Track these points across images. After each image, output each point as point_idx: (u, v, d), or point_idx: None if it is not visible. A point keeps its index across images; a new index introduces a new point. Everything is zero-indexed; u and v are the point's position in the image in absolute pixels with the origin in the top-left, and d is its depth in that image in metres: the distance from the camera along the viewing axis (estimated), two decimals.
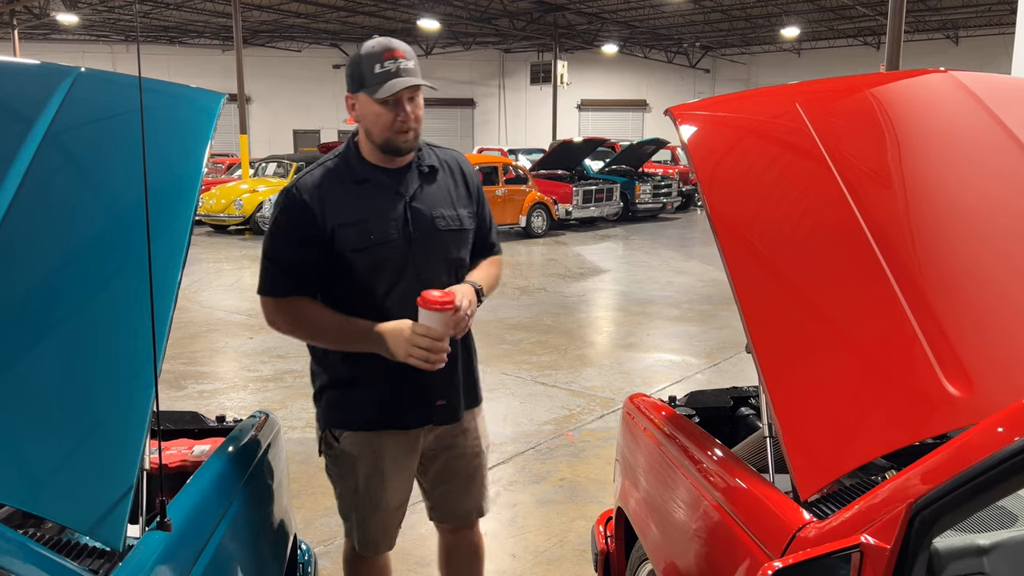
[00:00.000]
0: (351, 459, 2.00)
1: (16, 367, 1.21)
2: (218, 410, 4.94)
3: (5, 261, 1.36)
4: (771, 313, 1.65)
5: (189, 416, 2.21)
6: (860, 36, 25.04)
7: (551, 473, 4.01)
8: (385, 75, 1.80)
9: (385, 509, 2.04)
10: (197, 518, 1.40)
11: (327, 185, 1.88)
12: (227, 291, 9.07)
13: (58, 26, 22.95)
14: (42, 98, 1.69)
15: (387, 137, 1.85)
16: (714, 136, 2.07)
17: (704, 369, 5.90)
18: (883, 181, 1.87)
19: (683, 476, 1.77)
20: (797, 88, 2.25)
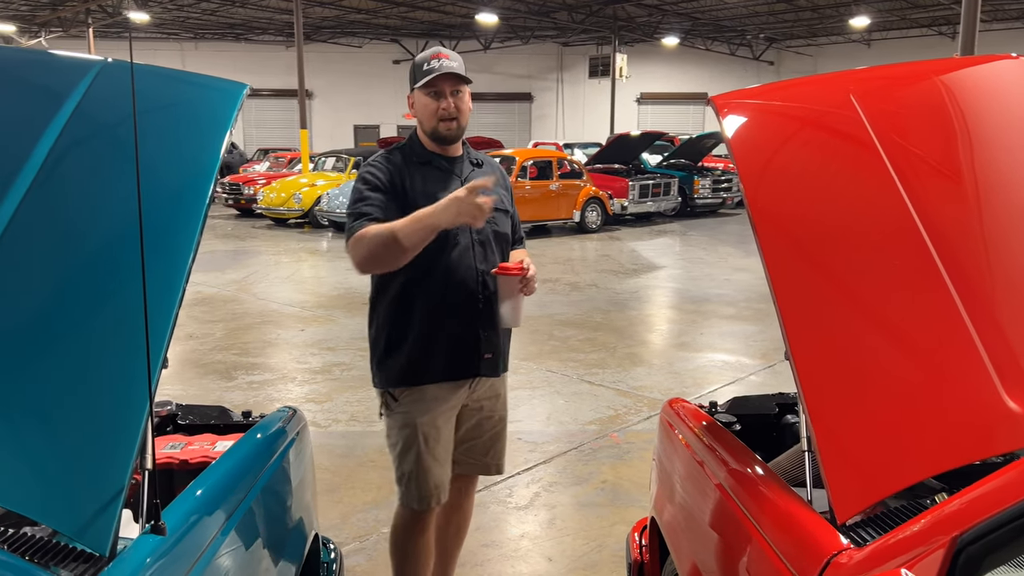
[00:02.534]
0: (410, 415, 2.20)
1: (9, 366, 1.18)
2: (266, 401, 5.00)
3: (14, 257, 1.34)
4: (812, 316, 1.53)
5: (216, 411, 2.20)
6: (934, 26, 24.01)
7: (593, 475, 3.91)
8: (430, 71, 2.15)
9: (441, 461, 2.25)
10: (198, 520, 1.36)
11: (402, 161, 2.21)
12: (283, 283, 9.20)
13: (130, 24, 23.69)
14: (65, 89, 1.68)
15: (433, 125, 2.18)
16: (758, 126, 1.95)
17: (758, 371, 5.70)
18: (942, 177, 1.72)
19: (716, 489, 1.67)
20: (851, 76, 2.10)
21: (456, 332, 2.20)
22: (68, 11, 22.49)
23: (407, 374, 2.20)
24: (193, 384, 5.37)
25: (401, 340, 2.19)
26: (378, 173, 2.16)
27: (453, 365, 2.23)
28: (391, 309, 2.20)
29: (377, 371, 2.26)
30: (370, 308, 2.29)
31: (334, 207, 13.24)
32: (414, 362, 2.19)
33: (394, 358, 2.20)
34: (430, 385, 2.21)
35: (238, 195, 15.95)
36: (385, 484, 3.78)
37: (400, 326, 2.19)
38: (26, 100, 1.68)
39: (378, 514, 3.49)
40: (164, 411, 2.14)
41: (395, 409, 2.23)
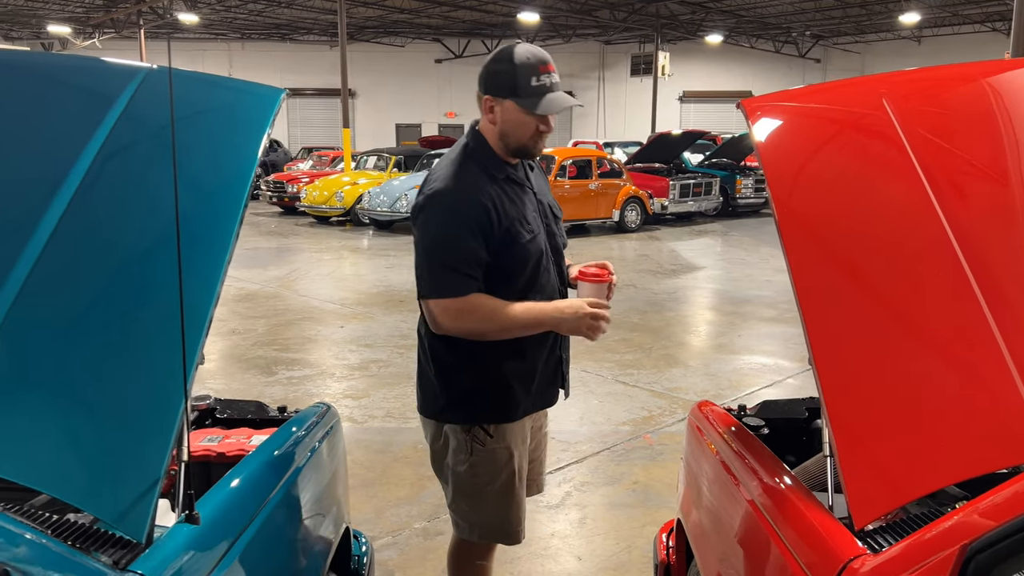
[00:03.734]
0: (506, 450, 2.03)
1: (53, 358, 1.25)
2: (304, 396, 5.10)
3: (62, 256, 1.41)
4: (835, 321, 1.53)
5: (252, 406, 2.26)
6: (988, 22, 23.36)
7: (625, 476, 3.92)
8: (541, 89, 1.89)
9: (523, 491, 2.14)
10: (231, 511, 1.42)
11: (487, 183, 1.94)
12: (324, 280, 9.36)
13: (180, 25, 24.27)
14: (112, 95, 1.75)
15: (525, 143, 1.95)
16: (787, 131, 1.94)
17: (796, 374, 5.64)
18: (976, 185, 1.70)
19: (738, 493, 1.68)
20: (884, 79, 2.08)
21: (546, 358, 2.07)
22: (120, 13, 23.12)
23: (503, 408, 2.01)
24: (235, 379, 5.50)
25: (493, 372, 1.98)
26: (471, 210, 1.88)
27: (544, 393, 2.12)
28: (476, 344, 1.95)
29: (455, 405, 2.02)
30: (437, 338, 1.98)
31: (375, 205, 13.41)
32: (509, 395, 2.00)
33: (487, 391, 2.00)
34: (523, 419, 2.07)
35: (282, 193, 16.24)
36: (418, 480, 3.85)
37: (491, 357, 1.97)
38: (76, 104, 1.76)
39: (411, 510, 3.55)
40: (203, 405, 2.22)
41: (490, 445, 2.01)
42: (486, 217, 1.89)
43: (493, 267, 1.92)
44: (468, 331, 1.91)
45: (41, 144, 1.65)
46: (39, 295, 1.33)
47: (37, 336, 1.28)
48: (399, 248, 11.82)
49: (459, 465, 2.03)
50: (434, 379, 2.02)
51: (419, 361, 2.10)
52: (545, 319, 1.92)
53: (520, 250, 1.95)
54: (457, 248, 1.87)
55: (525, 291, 1.98)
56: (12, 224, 1.45)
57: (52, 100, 1.75)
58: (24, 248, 1.40)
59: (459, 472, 2.04)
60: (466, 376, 2.00)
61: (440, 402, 2.03)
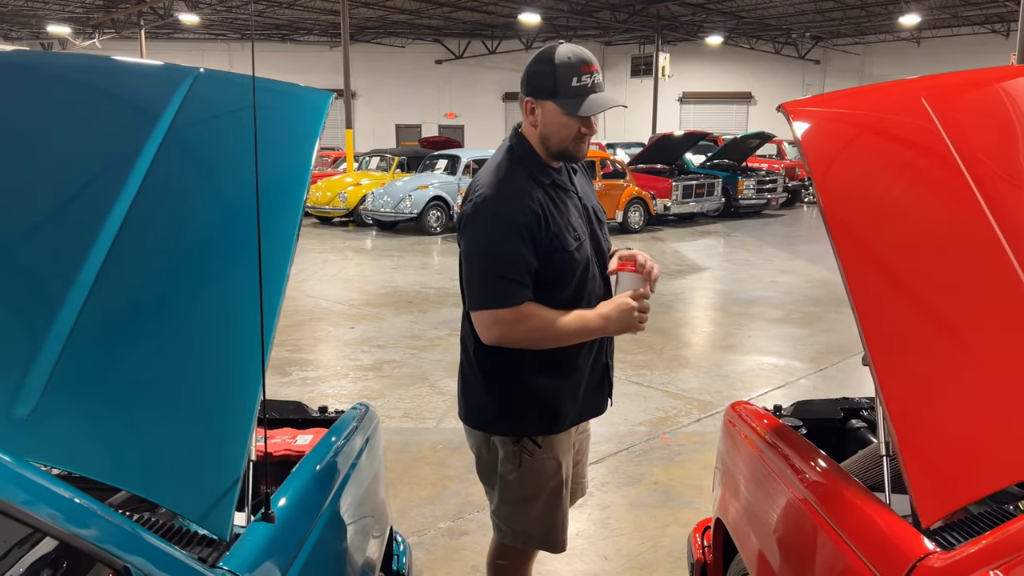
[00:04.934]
0: (555, 460, 2.02)
1: (134, 358, 1.26)
2: (320, 397, 5.11)
3: (128, 254, 1.42)
4: (891, 320, 1.55)
5: (293, 406, 2.28)
6: (987, 23, 23.44)
7: (645, 476, 3.94)
8: (583, 90, 1.84)
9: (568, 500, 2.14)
10: (299, 510, 1.44)
11: (535, 188, 1.90)
12: (331, 281, 9.36)
13: (180, 26, 24.26)
14: (165, 97, 1.76)
15: (567, 147, 1.91)
16: (831, 133, 1.96)
17: (809, 374, 5.66)
18: (1020, 182, 1.72)
19: (790, 492, 1.69)
20: (922, 82, 2.10)
21: (592, 365, 2.04)
22: (121, 13, 23.09)
23: (552, 419, 1.99)
24: None
25: (541, 382, 1.96)
26: (521, 217, 1.84)
27: (592, 402, 2.09)
28: (529, 351, 1.92)
29: (503, 417, 1.99)
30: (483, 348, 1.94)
31: (379, 206, 13.41)
32: (558, 405, 1.99)
33: (536, 403, 1.97)
34: (570, 429, 2.05)
35: None
36: (439, 481, 3.86)
37: (538, 366, 1.95)
38: (129, 109, 1.77)
39: (434, 509, 3.56)
40: None
41: (538, 456, 1.99)
42: (536, 223, 1.85)
43: (540, 275, 1.90)
44: (520, 341, 1.89)
45: (98, 149, 1.66)
46: (110, 297, 1.35)
47: (115, 336, 1.30)
48: (403, 249, 11.84)
49: (508, 475, 2.02)
50: (481, 390, 2.00)
51: (462, 370, 2.07)
52: (594, 326, 1.90)
53: (568, 258, 1.92)
54: (508, 256, 1.83)
55: (574, 299, 1.95)
56: (78, 227, 1.46)
57: (106, 105, 1.76)
58: (90, 252, 1.41)
59: (508, 481, 2.02)
60: (514, 387, 1.97)
61: (487, 413, 2.01)
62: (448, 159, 14.49)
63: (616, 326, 1.90)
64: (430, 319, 7.28)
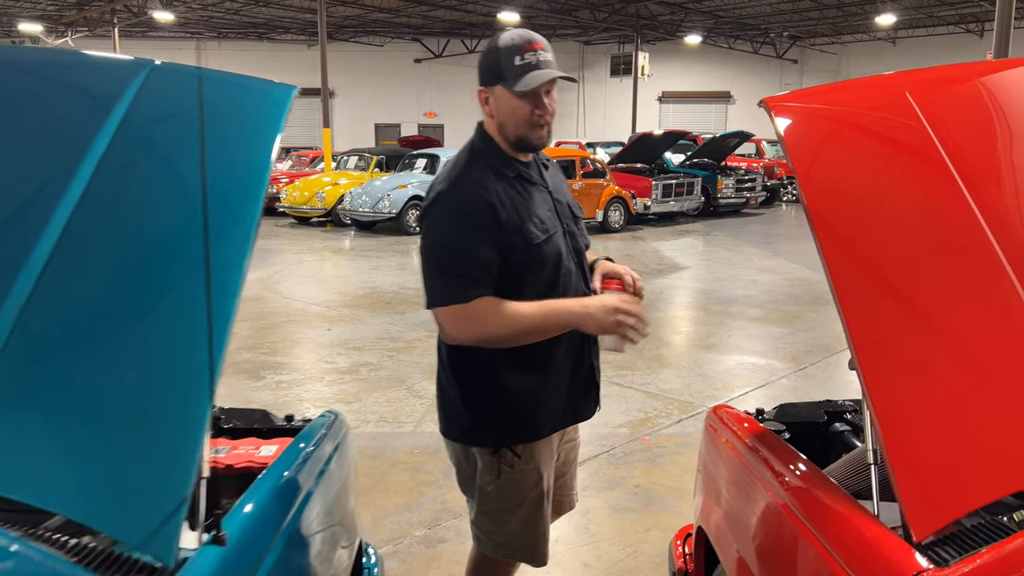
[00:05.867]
0: (535, 471, 1.93)
1: (73, 368, 1.17)
2: (294, 402, 5.00)
3: (72, 258, 1.33)
4: (878, 321, 1.49)
5: (259, 415, 2.18)
6: (962, 23, 23.70)
7: (625, 479, 3.87)
8: (526, 67, 1.77)
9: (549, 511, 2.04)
10: (256, 528, 1.35)
11: (494, 181, 1.82)
12: (307, 282, 9.23)
13: (155, 24, 23.92)
14: (117, 91, 1.66)
15: (523, 133, 1.83)
16: (814, 129, 1.90)
17: (789, 374, 5.63)
18: (1011, 180, 1.67)
19: (773, 500, 1.63)
20: (906, 77, 2.05)
21: (574, 367, 1.95)
22: (94, 11, 22.75)
23: (531, 426, 1.90)
24: (222, 384, 5.30)
25: (519, 387, 1.87)
26: (476, 210, 1.77)
27: (577, 406, 2.01)
28: (503, 353, 1.84)
29: (480, 427, 1.90)
30: (456, 351, 1.89)
31: (357, 206, 13.27)
32: (540, 411, 1.90)
33: (513, 410, 1.88)
34: (552, 435, 1.96)
35: None
36: (416, 487, 3.77)
37: (516, 370, 1.86)
38: (78, 103, 1.67)
39: (410, 517, 3.48)
40: None
41: (518, 466, 1.91)
42: (492, 216, 1.77)
43: (508, 271, 1.82)
44: (483, 338, 1.80)
45: (43, 145, 1.57)
46: (49, 302, 1.25)
47: (48, 345, 1.20)
48: (382, 249, 11.71)
49: (487, 486, 1.93)
50: (456, 399, 1.91)
51: (439, 379, 1.99)
52: (566, 316, 1.79)
53: (534, 251, 1.84)
54: (463, 250, 1.76)
55: (546, 296, 1.87)
56: (18, 228, 1.36)
57: (54, 98, 1.66)
58: (30, 254, 1.31)
59: (487, 492, 1.94)
60: (490, 394, 1.88)
61: (464, 423, 1.92)
62: (427, 158, 14.38)
63: (595, 322, 1.79)
64: (408, 320, 7.18)
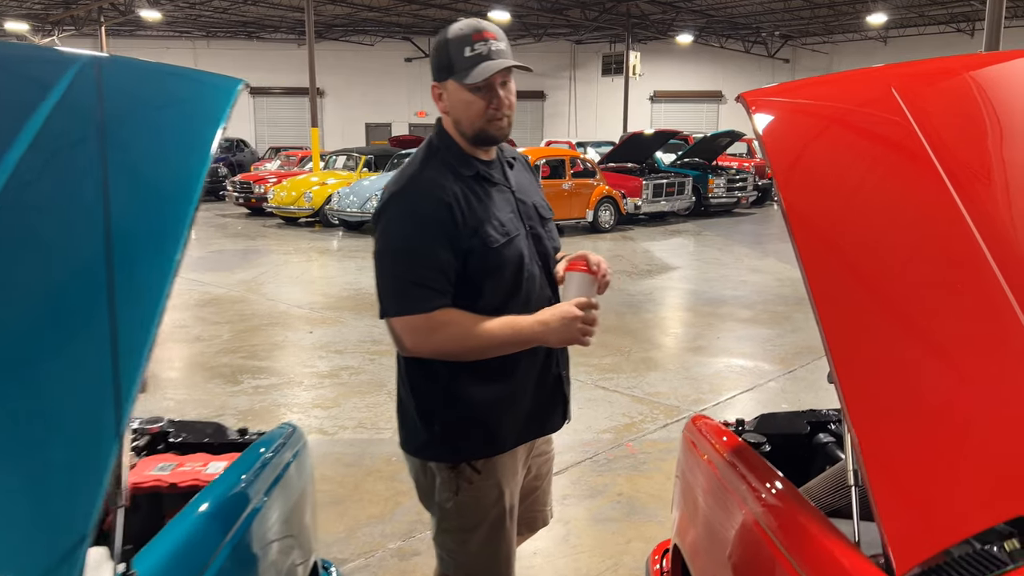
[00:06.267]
0: (496, 488, 1.82)
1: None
2: (271, 407, 4.88)
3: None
4: (860, 333, 1.38)
5: (211, 428, 2.07)
6: (953, 22, 23.69)
7: (608, 487, 3.76)
8: (476, 59, 1.66)
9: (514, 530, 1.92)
10: (182, 559, 1.23)
11: (452, 181, 1.72)
12: (292, 283, 9.10)
13: (142, 23, 23.72)
14: (46, 85, 1.55)
15: (480, 127, 1.73)
16: (794, 125, 1.79)
17: (778, 376, 5.54)
18: (1001, 181, 1.56)
19: (749, 522, 1.52)
20: (892, 70, 1.95)
21: (539, 378, 1.85)
22: (81, 10, 22.53)
23: (492, 440, 1.80)
24: (198, 388, 5.25)
25: (480, 400, 1.77)
26: (432, 211, 1.66)
27: (542, 418, 1.90)
28: (462, 362, 1.74)
29: (438, 441, 1.79)
30: (412, 361, 1.77)
31: (345, 206, 13.13)
32: (501, 424, 1.80)
33: (472, 422, 1.78)
34: (515, 449, 1.85)
35: (248, 194, 15.87)
36: (392, 496, 3.66)
37: (477, 382, 1.76)
38: (4, 96, 1.55)
39: (384, 528, 3.36)
40: (155, 428, 2.02)
41: (477, 482, 1.80)
42: (448, 217, 1.67)
43: (464, 276, 1.71)
44: (439, 352, 1.70)
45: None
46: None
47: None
48: (369, 250, 11.47)
49: (445, 503, 1.83)
50: (413, 410, 1.80)
51: (398, 392, 1.88)
52: (527, 334, 1.69)
53: (492, 256, 1.72)
54: (419, 256, 1.66)
55: (506, 302, 1.76)
56: None
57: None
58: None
59: (446, 509, 1.83)
60: (449, 407, 1.78)
61: (422, 437, 1.81)
62: None
63: (557, 336, 1.70)
64: None
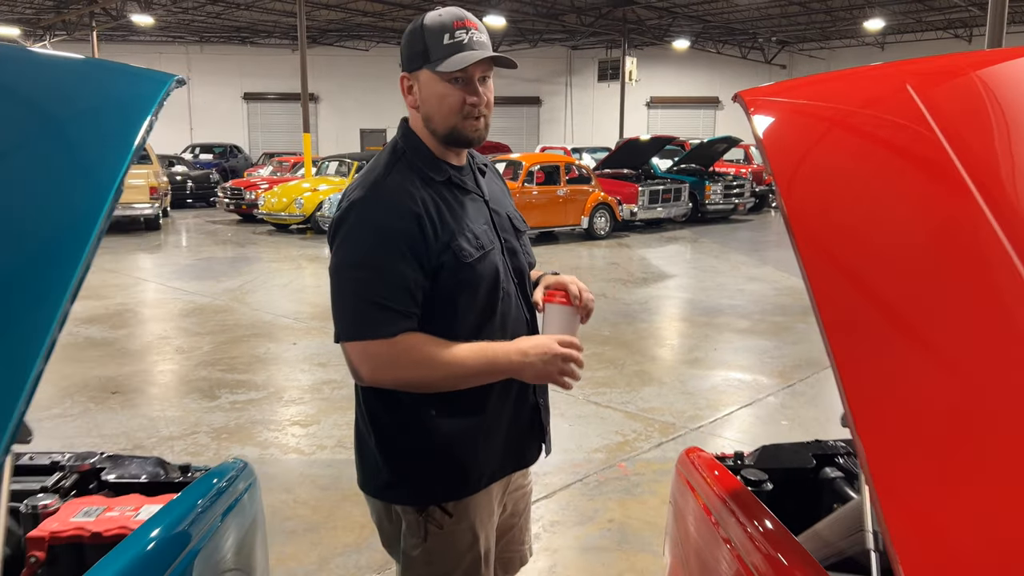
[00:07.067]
0: (469, 531, 1.63)
1: None
2: (247, 424, 4.67)
3: None
4: (883, 372, 1.18)
5: (151, 464, 1.86)
6: (950, 28, 23.59)
7: (599, 512, 3.55)
8: (456, 47, 1.50)
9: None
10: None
11: (420, 188, 1.53)
12: (279, 292, 8.88)
13: (135, 28, 23.53)
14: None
15: (453, 124, 1.55)
16: (797, 126, 1.60)
17: (777, 391, 5.33)
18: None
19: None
20: (907, 67, 1.75)
21: (514, 409, 1.67)
22: (72, 14, 22.34)
23: (463, 479, 1.60)
24: (173, 404, 5.03)
25: (448, 434, 1.58)
26: (398, 223, 1.47)
27: (517, 452, 1.71)
28: (423, 398, 1.54)
29: (403, 481, 1.60)
30: (372, 391, 1.57)
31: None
32: (470, 461, 1.60)
33: (441, 459, 1.59)
34: (490, 486, 1.66)
35: (239, 200, 15.67)
36: (368, 523, 3.41)
37: (444, 414, 1.56)
38: None
39: (359, 559, 3.15)
40: (86, 465, 1.81)
41: (448, 526, 1.60)
42: (417, 229, 1.48)
43: (434, 294, 1.52)
44: (402, 382, 1.50)
45: None
46: None
47: None
48: None
49: (412, 550, 1.62)
50: (375, 446, 1.61)
51: (356, 425, 1.67)
52: (502, 364, 1.51)
53: (466, 273, 1.54)
54: (382, 272, 1.46)
55: (480, 325, 1.57)
56: None
57: None
58: None
59: (412, 557, 1.63)
60: (414, 442, 1.58)
61: (383, 477, 1.61)
62: None
63: (534, 372, 1.51)
64: None
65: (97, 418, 4.75)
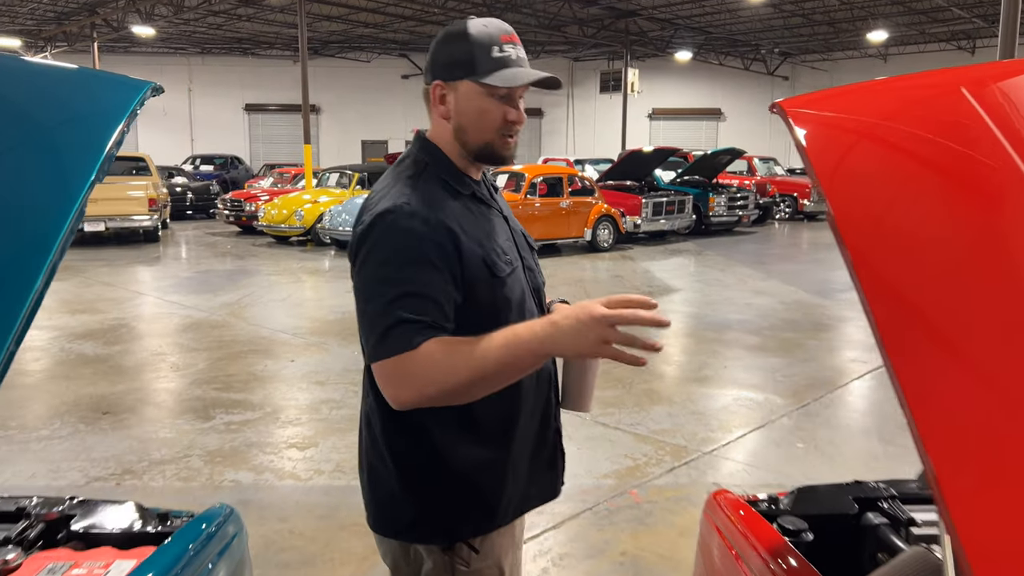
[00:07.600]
0: (495, 567, 1.53)
1: None
2: (241, 447, 4.49)
3: None
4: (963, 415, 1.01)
5: (126, 511, 1.68)
6: (953, 40, 23.51)
7: (610, 544, 3.37)
8: (503, 61, 1.43)
9: None
10: None
11: (451, 201, 1.45)
12: (278, 306, 8.71)
13: (136, 39, 23.48)
14: None
15: (489, 140, 1.47)
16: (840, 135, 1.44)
17: (791, 411, 5.15)
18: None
19: None
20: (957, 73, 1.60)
21: (541, 434, 1.58)
22: (73, 25, 22.31)
23: (491, 511, 1.50)
24: (165, 426, 4.86)
25: (477, 463, 1.47)
26: (434, 235, 1.36)
27: (541, 481, 1.61)
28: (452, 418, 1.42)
29: (428, 520, 1.47)
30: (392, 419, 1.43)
31: (337, 224, 12.79)
32: (498, 492, 1.49)
33: (468, 493, 1.47)
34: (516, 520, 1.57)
35: (239, 212, 15.53)
36: (367, 555, 3.26)
37: (472, 442, 1.46)
38: None
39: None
40: (54, 514, 1.63)
41: (475, 564, 1.49)
42: (449, 242, 1.37)
43: (467, 312, 1.38)
44: (441, 392, 1.29)
45: None
46: None
47: None
48: None
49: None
50: (395, 482, 1.46)
51: (367, 460, 1.51)
52: (530, 341, 1.27)
53: (500, 288, 1.44)
54: (415, 285, 1.32)
55: None
56: None
57: None
58: None
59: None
60: (441, 476, 1.45)
61: (405, 516, 1.47)
62: None
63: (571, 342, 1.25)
64: None
65: (87, 440, 4.57)
